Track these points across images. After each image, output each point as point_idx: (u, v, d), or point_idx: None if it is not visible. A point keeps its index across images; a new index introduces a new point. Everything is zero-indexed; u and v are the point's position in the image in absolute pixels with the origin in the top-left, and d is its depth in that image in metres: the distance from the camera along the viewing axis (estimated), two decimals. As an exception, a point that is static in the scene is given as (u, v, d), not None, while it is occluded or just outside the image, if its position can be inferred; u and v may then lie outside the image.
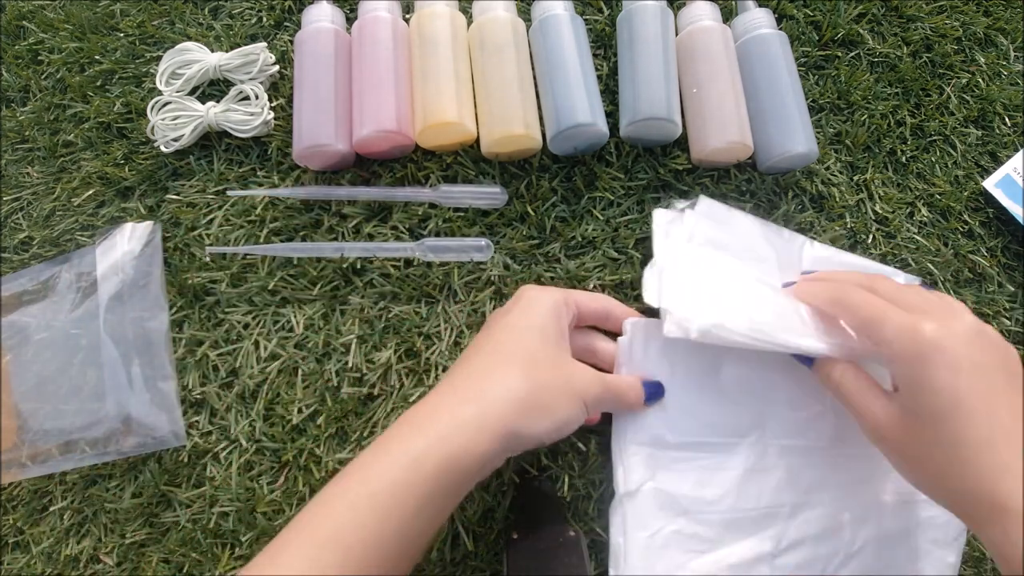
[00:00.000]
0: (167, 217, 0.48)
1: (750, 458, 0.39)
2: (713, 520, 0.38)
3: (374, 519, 0.29)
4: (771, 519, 0.39)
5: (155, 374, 0.44)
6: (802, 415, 0.40)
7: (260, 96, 0.48)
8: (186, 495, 0.42)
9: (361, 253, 0.45)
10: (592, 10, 0.52)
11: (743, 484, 0.39)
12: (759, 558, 0.38)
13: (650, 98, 0.44)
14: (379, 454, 0.31)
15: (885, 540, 0.39)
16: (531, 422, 0.33)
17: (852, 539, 0.39)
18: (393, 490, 0.30)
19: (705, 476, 0.39)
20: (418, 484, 0.30)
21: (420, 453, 0.30)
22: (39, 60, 0.55)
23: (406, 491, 0.30)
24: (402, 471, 0.30)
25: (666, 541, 0.37)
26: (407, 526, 0.30)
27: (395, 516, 0.29)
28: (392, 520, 0.29)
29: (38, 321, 0.46)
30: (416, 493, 0.30)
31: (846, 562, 0.39)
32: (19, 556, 0.43)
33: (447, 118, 0.44)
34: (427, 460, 0.30)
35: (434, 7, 0.47)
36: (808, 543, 0.39)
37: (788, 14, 0.53)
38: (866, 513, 0.39)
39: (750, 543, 0.38)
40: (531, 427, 0.33)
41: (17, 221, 0.50)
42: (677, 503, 0.38)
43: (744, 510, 0.39)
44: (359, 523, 0.29)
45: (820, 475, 0.40)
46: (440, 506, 0.31)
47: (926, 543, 0.39)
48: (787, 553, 0.38)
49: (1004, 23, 0.55)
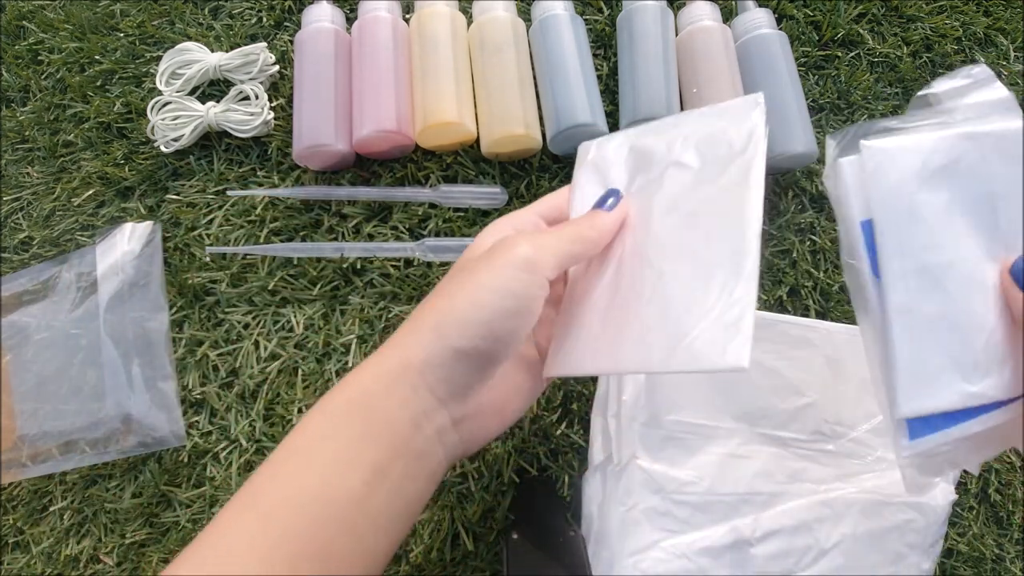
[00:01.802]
0: (167, 217, 0.48)
1: (730, 443, 0.40)
2: (688, 501, 0.38)
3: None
4: (746, 506, 0.39)
5: (155, 374, 0.44)
6: (788, 406, 0.40)
7: (260, 96, 0.48)
8: (186, 495, 0.42)
9: (361, 253, 0.45)
10: (592, 10, 0.52)
11: (721, 469, 0.39)
12: (731, 545, 0.38)
13: (650, 98, 0.44)
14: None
15: (860, 539, 0.39)
16: (455, 306, 0.26)
17: (827, 535, 0.39)
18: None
19: (683, 456, 0.39)
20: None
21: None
22: (39, 60, 0.55)
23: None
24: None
25: (639, 518, 0.38)
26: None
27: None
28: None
29: (38, 321, 0.46)
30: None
31: (819, 558, 0.39)
32: (19, 556, 0.43)
33: (447, 118, 0.44)
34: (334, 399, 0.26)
35: (434, 7, 0.47)
36: (782, 535, 0.39)
37: (788, 14, 0.53)
38: (843, 510, 0.39)
39: (723, 529, 0.38)
40: (457, 312, 0.26)
41: (17, 221, 0.50)
42: (653, 480, 0.38)
43: (719, 495, 0.39)
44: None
45: (799, 468, 0.40)
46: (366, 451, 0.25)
47: (902, 546, 0.39)
48: (760, 543, 0.38)
49: (1004, 23, 0.55)
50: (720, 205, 0.28)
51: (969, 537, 0.41)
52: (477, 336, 0.26)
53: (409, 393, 0.26)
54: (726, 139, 0.29)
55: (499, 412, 0.30)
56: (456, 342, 0.26)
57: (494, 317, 0.26)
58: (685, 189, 0.29)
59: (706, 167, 0.29)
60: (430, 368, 0.26)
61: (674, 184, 0.30)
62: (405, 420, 0.26)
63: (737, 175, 0.27)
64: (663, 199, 0.30)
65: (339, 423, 0.26)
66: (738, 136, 0.28)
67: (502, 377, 0.29)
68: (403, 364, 0.26)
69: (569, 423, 0.42)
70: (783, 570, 0.38)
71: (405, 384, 0.26)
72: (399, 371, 0.26)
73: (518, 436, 0.41)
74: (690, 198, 0.29)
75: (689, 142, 0.30)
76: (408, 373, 0.26)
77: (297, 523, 0.24)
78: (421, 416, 0.26)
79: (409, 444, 0.26)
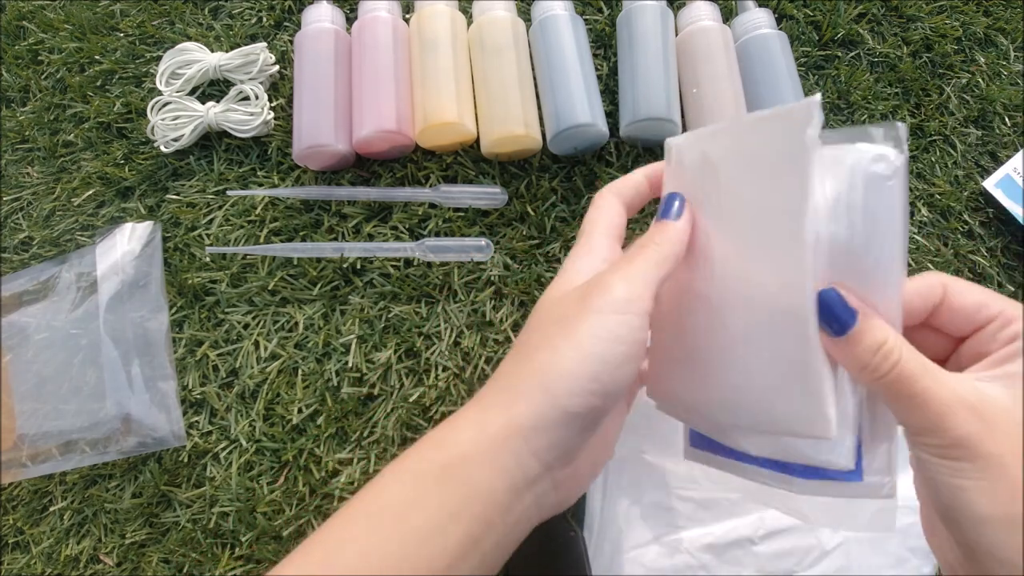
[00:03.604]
0: (167, 217, 0.48)
1: None
2: (692, 497, 0.38)
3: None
4: (749, 505, 0.39)
5: (155, 374, 0.44)
6: None
7: (260, 96, 0.48)
8: (186, 495, 0.42)
9: (361, 253, 0.45)
10: (592, 10, 0.52)
11: None
12: (734, 543, 0.38)
13: (650, 98, 0.44)
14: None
15: (862, 541, 0.39)
16: (561, 359, 0.24)
17: (830, 536, 0.39)
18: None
19: None
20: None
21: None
22: (39, 60, 0.55)
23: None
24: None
25: (643, 512, 0.38)
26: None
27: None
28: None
29: (38, 321, 0.46)
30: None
31: (821, 558, 0.39)
32: (19, 556, 0.43)
33: (447, 118, 0.44)
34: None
35: (434, 7, 0.47)
36: (786, 534, 0.39)
37: (788, 14, 0.53)
38: (846, 511, 0.39)
39: (727, 526, 0.38)
40: (565, 367, 0.24)
41: (17, 221, 0.50)
42: (658, 475, 0.38)
43: (724, 492, 0.39)
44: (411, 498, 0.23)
45: None
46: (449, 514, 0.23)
47: (904, 549, 0.39)
48: (763, 542, 0.38)
49: (1004, 23, 0.55)
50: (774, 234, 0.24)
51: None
52: (588, 392, 0.24)
53: (512, 462, 0.24)
54: (775, 151, 0.24)
55: (594, 464, 0.28)
56: (567, 402, 0.23)
57: (605, 368, 0.24)
58: (744, 208, 0.26)
59: (760, 183, 0.25)
60: (537, 433, 0.24)
61: (733, 202, 0.26)
62: (505, 490, 0.24)
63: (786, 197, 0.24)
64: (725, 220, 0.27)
65: (430, 490, 0.23)
66: (786, 148, 0.24)
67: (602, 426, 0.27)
68: (508, 429, 0.24)
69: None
70: (785, 569, 0.38)
71: (508, 452, 0.24)
72: (503, 437, 0.24)
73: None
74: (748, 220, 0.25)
75: (743, 155, 0.26)
76: (513, 440, 0.24)
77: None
78: (523, 485, 0.24)
79: (506, 515, 0.24)
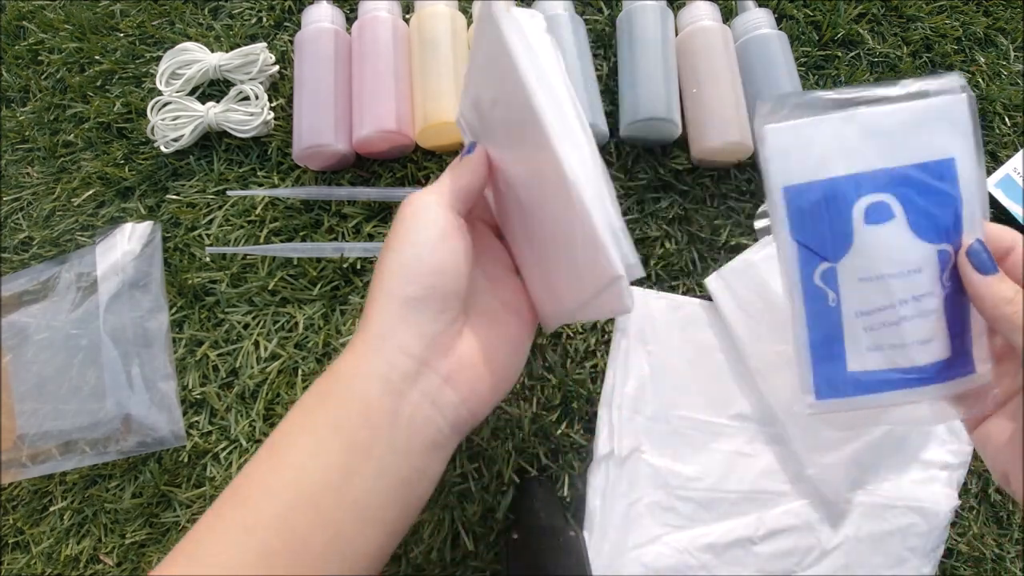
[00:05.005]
0: (167, 217, 0.48)
1: (736, 441, 0.40)
2: (692, 497, 0.39)
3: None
4: (751, 505, 0.39)
5: (155, 374, 0.44)
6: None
7: (260, 96, 0.48)
8: (186, 495, 0.42)
9: (361, 253, 0.45)
10: (592, 10, 0.52)
11: (726, 466, 0.39)
12: (734, 542, 0.38)
13: (650, 98, 0.44)
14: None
15: (862, 541, 0.39)
16: (390, 265, 0.27)
17: (830, 536, 0.39)
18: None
19: (689, 452, 0.39)
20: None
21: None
22: (39, 60, 0.55)
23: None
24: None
25: (643, 512, 0.38)
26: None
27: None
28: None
29: (38, 321, 0.46)
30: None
31: (821, 558, 0.39)
32: (19, 556, 0.43)
33: (447, 118, 0.44)
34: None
35: (434, 7, 0.47)
36: (786, 534, 0.39)
37: (788, 14, 0.53)
38: (846, 511, 0.39)
39: (727, 526, 0.38)
40: (395, 268, 0.27)
41: (17, 221, 0.50)
42: (658, 475, 0.38)
43: (724, 492, 0.39)
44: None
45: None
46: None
47: (904, 549, 0.39)
48: (763, 542, 0.38)
49: (1004, 23, 0.55)
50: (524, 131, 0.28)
51: (969, 537, 0.41)
52: (417, 274, 0.26)
53: (382, 364, 0.25)
54: (492, 52, 0.28)
55: (489, 361, 0.28)
56: (402, 291, 0.26)
57: (424, 250, 0.26)
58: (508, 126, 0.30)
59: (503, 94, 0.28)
60: (393, 330, 0.26)
61: (499, 125, 0.30)
62: (381, 392, 0.25)
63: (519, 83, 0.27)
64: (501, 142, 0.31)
65: (314, 411, 0.26)
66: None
67: (478, 324, 0.29)
68: (368, 339, 0.26)
69: (569, 423, 0.42)
70: (785, 569, 0.38)
71: (374, 356, 0.26)
72: (366, 347, 0.26)
73: (518, 436, 0.41)
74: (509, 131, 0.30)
75: (485, 78, 0.30)
76: (373, 343, 0.26)
77: (270, 519, 0.23)
78: (400, 381, 0.25)
79: (393, 416, 0.25)
